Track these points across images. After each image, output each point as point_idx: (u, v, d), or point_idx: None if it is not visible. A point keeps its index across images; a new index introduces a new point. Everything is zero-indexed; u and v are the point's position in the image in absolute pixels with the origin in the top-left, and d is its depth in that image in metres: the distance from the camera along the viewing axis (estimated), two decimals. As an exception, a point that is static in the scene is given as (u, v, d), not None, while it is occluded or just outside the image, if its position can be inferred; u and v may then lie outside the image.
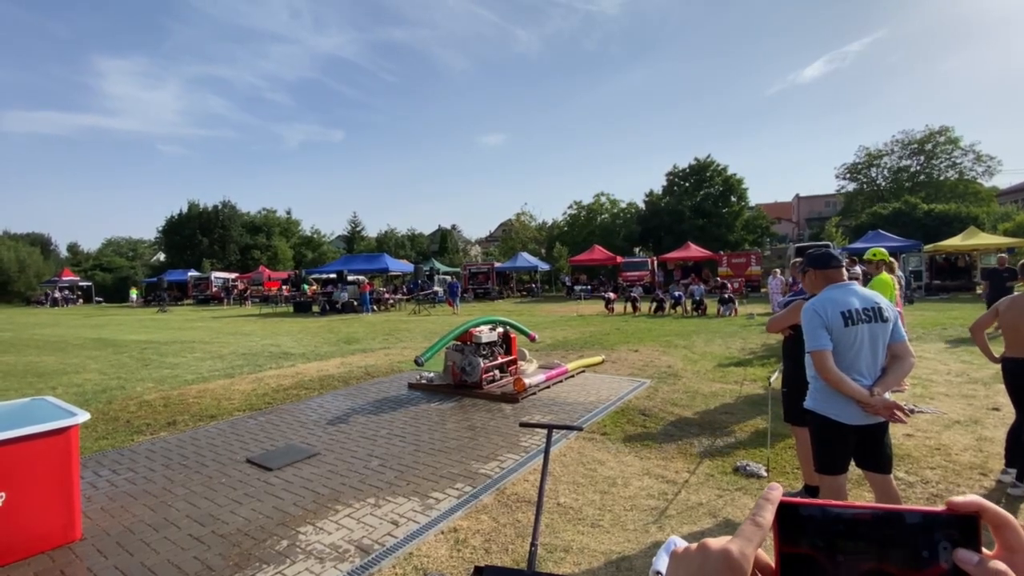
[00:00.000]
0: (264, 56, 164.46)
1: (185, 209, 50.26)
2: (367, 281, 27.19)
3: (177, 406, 6.46)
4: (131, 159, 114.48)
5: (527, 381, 6.47)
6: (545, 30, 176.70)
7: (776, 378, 4.23)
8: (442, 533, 3.18)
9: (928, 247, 23.07)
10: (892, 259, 6.34)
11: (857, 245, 23.07)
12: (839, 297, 2.61)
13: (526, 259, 34.62)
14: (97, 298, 42.88)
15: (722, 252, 30.90)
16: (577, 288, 28.91)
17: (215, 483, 4.03)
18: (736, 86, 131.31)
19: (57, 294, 40.09)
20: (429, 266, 35.00)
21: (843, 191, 45.10)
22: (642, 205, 42.02)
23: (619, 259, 31.22)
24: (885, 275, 5.17)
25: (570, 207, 44.00)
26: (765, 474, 3.97)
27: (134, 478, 4.19)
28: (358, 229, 58.28)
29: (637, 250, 39.14)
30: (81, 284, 44.40)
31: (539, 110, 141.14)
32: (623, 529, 3.19)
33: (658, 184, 42.73)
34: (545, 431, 3.01)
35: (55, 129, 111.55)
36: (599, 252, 31.89)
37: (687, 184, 39.73)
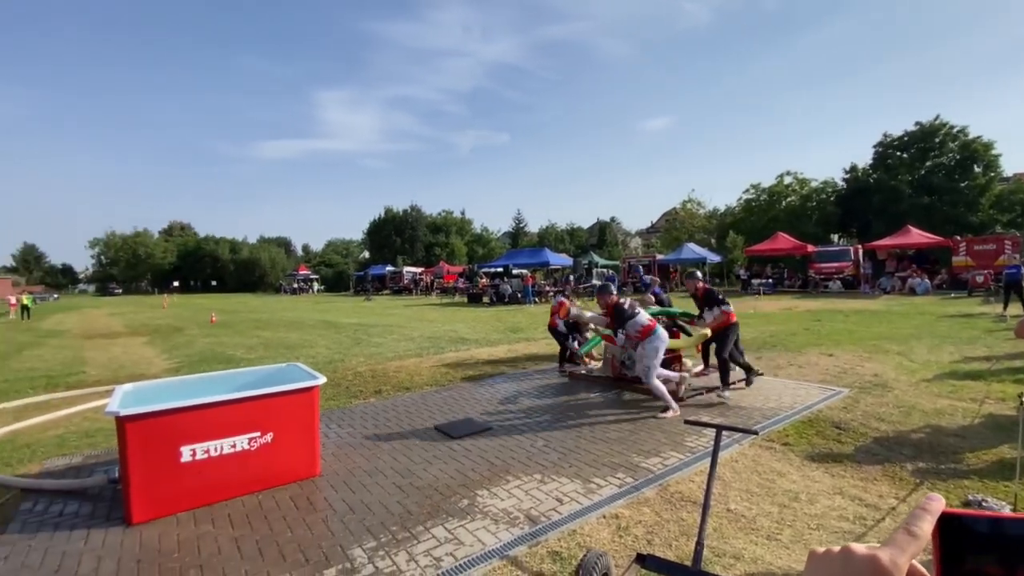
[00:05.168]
0: (440, 72, 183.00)
1: (383, 214, 59.47)
2: (530, 274, 28.55)
3: (381, 378, 7.74)
4: (341, 174, 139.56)
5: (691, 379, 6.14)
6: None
7: (1035, 397, 3.30)
8: (604, 517, 3.27)
9: None
10: None
11: None
12: None
13: (693, 250, 32.09)
14: (320, 287, 53.89)
15: (959, 237, 24.61)
16: (755, 282, 25.96)
17: (411, 443, 4.77)
18: (981, 25, 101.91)
19: (295, 285, 51.48)
20: (588, 259, 35.13)
21: None
22: (841, 183, 35.73)
23: (811, 248, 27.11)
24: None
25: (746, 191, 39.69)
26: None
27: (353, 433, 5.19)
28: (521, 225, 61.60)
29: (836, 237, 33.52)
30: (311, 277, 56.14)
31: (710, 86, 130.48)
32: (805, 547, 2.87)
33: (862, 158, 35.85)
34: (713, 432, 2.88)
35: (290, 154, 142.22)
36: (783, 240, 28.07)
37: (905, 155, 32.54)
